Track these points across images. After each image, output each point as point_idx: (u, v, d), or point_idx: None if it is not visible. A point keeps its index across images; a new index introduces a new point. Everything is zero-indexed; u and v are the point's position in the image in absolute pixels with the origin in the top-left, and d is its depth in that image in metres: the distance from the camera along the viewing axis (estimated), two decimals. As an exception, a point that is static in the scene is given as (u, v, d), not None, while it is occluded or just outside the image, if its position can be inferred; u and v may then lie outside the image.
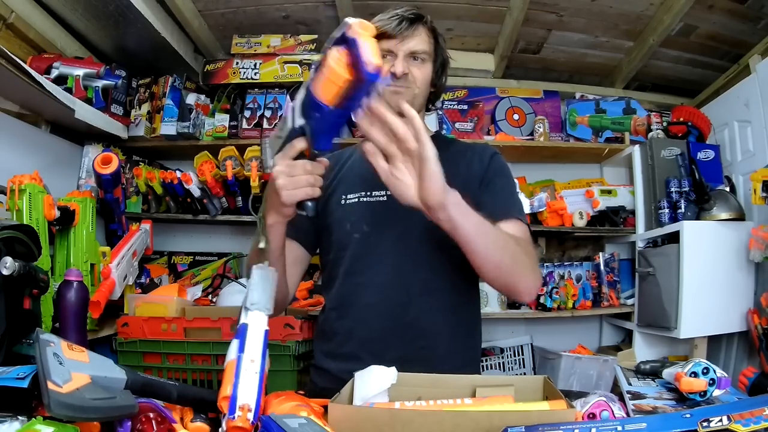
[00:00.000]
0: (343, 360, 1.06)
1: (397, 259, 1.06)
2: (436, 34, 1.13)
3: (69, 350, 0.62)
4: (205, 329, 1.58)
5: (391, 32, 1.06)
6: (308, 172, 0.84)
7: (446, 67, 1.18)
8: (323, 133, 0.79)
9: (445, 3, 2.12)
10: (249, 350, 0.69)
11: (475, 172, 1.13)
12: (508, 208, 1.08)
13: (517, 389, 0.84)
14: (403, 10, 1.08)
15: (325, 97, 0.72)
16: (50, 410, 0.52)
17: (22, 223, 1.08)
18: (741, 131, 2.13)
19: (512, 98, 2.55)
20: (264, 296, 0.77)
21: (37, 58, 1.82)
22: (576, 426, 0.65)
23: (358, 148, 1.23)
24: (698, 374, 0.81)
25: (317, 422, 0.65)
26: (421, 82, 1.10)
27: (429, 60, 1.11)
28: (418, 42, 1.08)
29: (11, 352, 0.95)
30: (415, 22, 1.08)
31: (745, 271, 1.90)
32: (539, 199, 2.29)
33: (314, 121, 0.77)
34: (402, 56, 1.07)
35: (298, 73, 2.25)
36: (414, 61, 1.09)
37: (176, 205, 2.24)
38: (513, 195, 1.14)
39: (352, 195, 1.11)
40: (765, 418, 0.61)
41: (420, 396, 0.81)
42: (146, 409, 0.65)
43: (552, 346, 2.28)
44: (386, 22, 1.07)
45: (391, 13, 1.08)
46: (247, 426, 0.61)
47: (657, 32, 2.15)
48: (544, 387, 0.84)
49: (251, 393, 0.64)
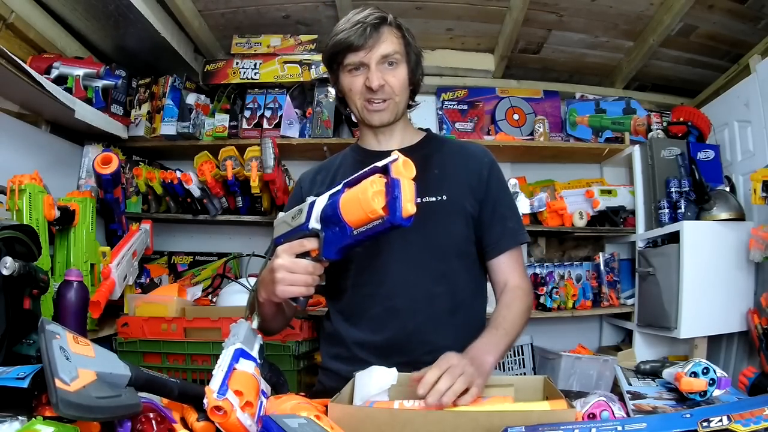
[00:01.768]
0: (351, 363, 1.08)
1: (401, 268, 1.08)
2: (403, 31, 1.11)
3: (75, 343, 0.61)
4: (205, 329, 1.58)
5: (357, 43, 1.04)
6: (309, 273, 0.85)
7: (420, 62, 1.17)
8: (335, 245, 0.80)
9: (445, 3, 2.12)
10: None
11: (472, 175, 1.14)
12: (515, 234, 1.13)
13: (517, 389, 0.84)
14: (364, 16, 1.06)
15: (351, 220, 0.74)
16: (57, 410, 0.51)
17: (22, 223, 1.08)
18: (741, 131, 2.13)
19: (512, 98, 2.55)
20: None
21: (37, 58, 1.82)
22: (576, 426, 0.65)
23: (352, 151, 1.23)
24: (698, 374, 0.81)
25: (317, 423, 0.65)
26: (399, 89, 1.10)
27: (402, 60, 1.10)
28: (387, 45, 1.06)
29: (11, 352, 0.95)
30: (379, 27, 1.06)
31: (745, 271, 1.90)
32: (539, 199, 2.29)
33: (331, 232, 0.79)
34: (375, 66, 1.06)
35: (298, 73, 2.25)
36: (388, 67, 1.08)
37: (176, 205, 2.24)
38: (516, 212, 1.19)
39: None
40: (765, 418, 0.61)
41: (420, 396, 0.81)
42: (146, 409, 0.65)
43: (552, 346, 2.28)
44: (350, 32, 1.04)
45: (353, 21, 1.06)
46: (214, 403, 0.63)
47: (657, 32, 2.15)
48: (545, 387, 0.85)
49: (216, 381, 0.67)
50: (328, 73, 1.17)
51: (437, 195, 1.10)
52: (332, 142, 2.22)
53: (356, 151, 1.22)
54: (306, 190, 1.18)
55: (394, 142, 1.17)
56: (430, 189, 1.10)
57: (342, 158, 1.23)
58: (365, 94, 1.08)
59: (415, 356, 1.04)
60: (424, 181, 1.11)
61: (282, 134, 2.26)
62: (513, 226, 1.14)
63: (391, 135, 1.17)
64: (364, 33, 1.04)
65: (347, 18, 1.08)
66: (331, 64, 1.12)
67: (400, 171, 0.70)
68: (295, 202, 1.18)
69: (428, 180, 1.11)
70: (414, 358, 1.04)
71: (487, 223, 1.12)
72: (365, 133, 1.20)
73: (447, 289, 1.09)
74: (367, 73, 1.06)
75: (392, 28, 1.09)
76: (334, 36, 1.08)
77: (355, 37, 1.04)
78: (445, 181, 1.12)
